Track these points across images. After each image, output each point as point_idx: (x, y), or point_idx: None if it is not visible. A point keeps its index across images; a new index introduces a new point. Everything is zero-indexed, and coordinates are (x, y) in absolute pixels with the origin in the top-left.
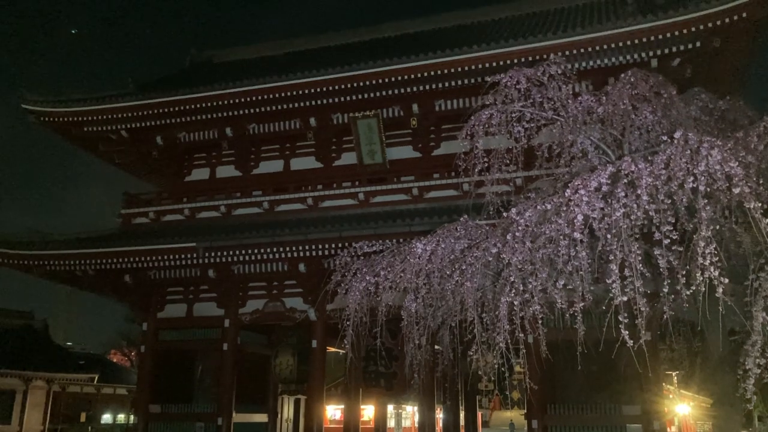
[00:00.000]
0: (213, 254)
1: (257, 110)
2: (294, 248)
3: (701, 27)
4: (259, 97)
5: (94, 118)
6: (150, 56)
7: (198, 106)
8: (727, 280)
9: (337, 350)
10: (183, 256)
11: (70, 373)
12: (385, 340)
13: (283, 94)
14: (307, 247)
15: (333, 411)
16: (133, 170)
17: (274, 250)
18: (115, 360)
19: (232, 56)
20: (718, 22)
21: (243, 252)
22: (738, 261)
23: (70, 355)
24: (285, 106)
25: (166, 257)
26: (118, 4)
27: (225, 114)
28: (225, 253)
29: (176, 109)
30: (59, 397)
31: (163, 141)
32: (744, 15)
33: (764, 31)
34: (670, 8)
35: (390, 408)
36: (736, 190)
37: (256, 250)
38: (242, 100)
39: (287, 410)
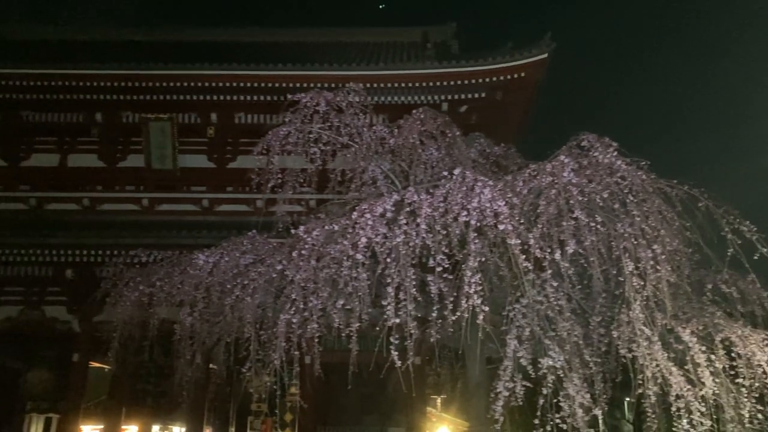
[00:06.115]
0: None
1: (33, 97)
2: (63, 252)
3: (485, 80)
4: (36, 83)
5: None
6: None
7: None
8: (487, 308)
9: (102, 366)
10: None
11: None
12: (157, 356)
13: (64, 83)
14: (77, 252)
15: (90, 431)
16: None
17: (39, 252)
18: None
19: (16, 35)
20: (500, 78)
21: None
22: (498, 293)
23: None
24: (67, 97)
25: None
26: None
27: None
28: None
29: None
30: None
31: None
32: (522, 74)
33: (542, 89)
34: (462, 59)
35: (156, 429)
36: (502, 227)
37: (15, 251)
38: (15, 83)
39: (35, 430)
